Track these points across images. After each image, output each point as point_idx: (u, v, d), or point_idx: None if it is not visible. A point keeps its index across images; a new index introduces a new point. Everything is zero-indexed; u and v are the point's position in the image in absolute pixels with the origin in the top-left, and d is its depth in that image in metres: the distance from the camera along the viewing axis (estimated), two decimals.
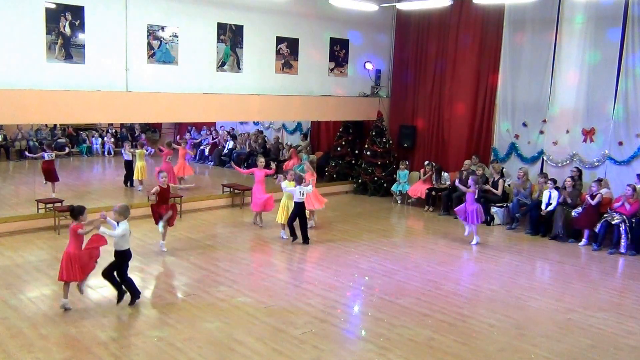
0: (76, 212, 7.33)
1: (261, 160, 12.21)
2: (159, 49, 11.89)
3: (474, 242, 11.12)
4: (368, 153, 15.60)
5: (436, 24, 15.04)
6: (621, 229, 10.75)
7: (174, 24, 12.03)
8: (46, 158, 13.16)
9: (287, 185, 10.73)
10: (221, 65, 12.92)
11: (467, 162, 13.80)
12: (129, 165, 14.95)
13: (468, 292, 8.54)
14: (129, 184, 15.02)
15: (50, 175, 13.18)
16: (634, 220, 10.77)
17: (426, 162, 14.71)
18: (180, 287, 8.40)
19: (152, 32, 11.74)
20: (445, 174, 14.47)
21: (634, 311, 8.01)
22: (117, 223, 7.44)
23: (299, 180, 10.57)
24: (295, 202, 10.55)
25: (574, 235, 11.54)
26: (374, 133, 15.55)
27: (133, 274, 8.75)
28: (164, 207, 9.92)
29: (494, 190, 12.83)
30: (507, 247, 11.21)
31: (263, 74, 13.62)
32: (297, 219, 10.60)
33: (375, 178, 15.53)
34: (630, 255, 10.66)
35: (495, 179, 12.91)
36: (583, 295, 8.62)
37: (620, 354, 6.68)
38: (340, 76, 15.27)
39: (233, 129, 21.29)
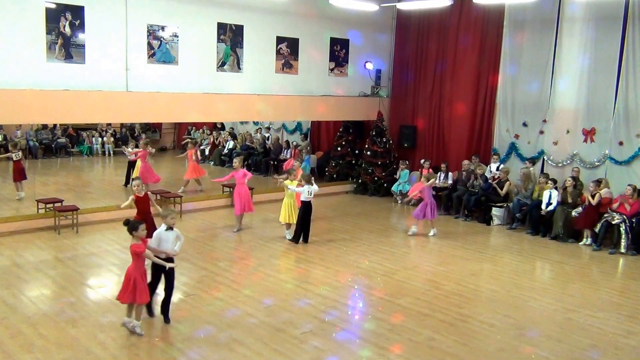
0: (130, 227, 6.57)
1: (235, 160, 11.73)
2: (159, 49, 11.89)
3: (431, 233, 11.61)
4: (368, 153, 15.60)
5: (436, 24, 15.04)
6: (621, 229, 10.76)
7: (174, 24, 12.03)
8: (14, 159, 13.06)
9: (290, 184, 10.73)
10: (221, 65, 12.91)
11: (465, 162, 13.81)
12: (132, 165, 14.85)
13: (468, 292, 8.53)
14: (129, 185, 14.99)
15: (20, 174, 13.11)
16: (634, 220, 10.76)
17: (423, 160, 14.73)
18: (180, 287, 8.38)
19: (152, 32, 11.74)
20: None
21: (634, 311, 8.01)
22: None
23: (308, 180, 10.63)
24: (302, 201, 10.60)
25: (574, 235, 11.54)
26: (374, 133, 15.54)
27: None
28: (145, 219, 8.43)
29: (498, 189, 12.83)
30: (507, 247, 11.21)
31: (263, 74, 13.62)
32: (302, 218, 10.67)
33: (376, 178, 15.53)
34: (630, 255, 10.66)
35: (502, 180, 12.91)
36: (583, 295, 8.62)
37: (620, 354, 6.68)
38: (340, 76, 15.27)
39: (232, 128, 21.28)
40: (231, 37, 12.97)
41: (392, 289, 8.52)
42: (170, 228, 6.91)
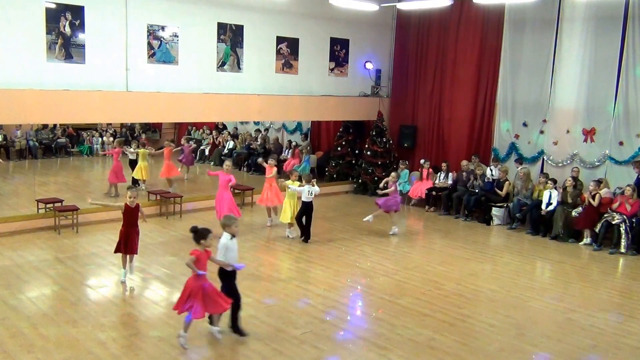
0: (198, 236, 6.30)
1: (227, 164, 11.25)
2: (159, 49, 11.89)
3: (392, 231, 11.62)
4: (368, 153, 15.59)
5: (436, 24, 15.04)
6: (622, 228, 10.76)
7: (174, 24, 12.03)
8: None
9: (291, 184, 10.76)
10: (221, 65, 12.92)
11: (464, 162, 13.82)
12: (134, 165, 14.86)
13: (468, 292, 8.53)
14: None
15: None
16: (634, 220, 10.77)
17: (422, 161, 14.74)
18: (180, 287, 8.35)
19: (152, 32, 11.74)
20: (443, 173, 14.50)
21: (635, 311, 8.01)
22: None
23: (308, 181, 10.64)
24: (303, 201, 10.62)
25: (574, 235, 11.54)
26: (374, 133, 15.54)
27: (133, 273, 8.75)
28: (128, 232, 8.20)
29: (498, 191, 12.86)
30: (507, 247, 11.21)
31: (263, 74, 13.62)
32: (304, 217, 10.70)
33: (376, 178, 15.49)
34: (630, 255, 10.66)
35: (501, 180, 12.92)
36: (583, 295, 8.62)
37: (620, 354, 6.68)
38: (340, 76, 15.27)
39: (236, 128, 21.27)
40: (231, 37, 12.97)
41: (392, 289, 8.52)
42: (233, 236, 6.62)
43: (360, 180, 15.85)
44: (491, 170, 13.56)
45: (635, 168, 11.55)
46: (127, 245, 8.23)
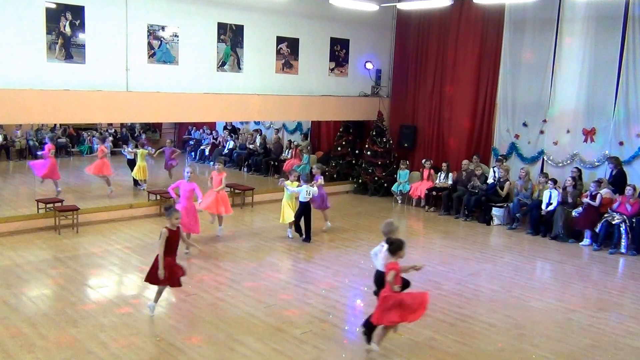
0: (395, 247, 6.13)
1: (188, 170, 9.96)
2: (159, 49, 11.89)
3: (325, 227, 11.64)
4: (368, 153, 15.59)
5: (436, 24, 15.04)
6: (622, 229, 10.76)
7: (174, 24, 12.03)
8: None
9: (290, 185, 10.76)
10: (221, 65, 12.92)
11: (465, 162, 13.81)
12: (132, 165, 14.85)
13: (468, 292, 8.54)
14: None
15: None
16: (634, 220, 10.77)
17: (424, 160, 14.74)
18: (180, 287, 8.37)
19: (152, 32, 11.74)
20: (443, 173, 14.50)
21: (635, 311, 8.01)
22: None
23: (307, 180, 10.66)
24: (300, 202, 10.64)
25: (574, 235, 11.54)
26: (374, 133, 15.54)
27: (133, 274, 8.78)
28: (173, 260, 7.08)
29: (499, 191, 12.85)
30: (507, 247, 11.21)
31: (263, 74, 13.62)
32: (303, 217, 10.73)
33: (376, 178, 15.52)
34: (630, 255, 10.66)
35: (502, 180, 12.91)
36: (583, 295, 8.62)
37: (620, 354, 6.68)
38: (340, 76, 15.27)
39: (238, 129, 21.24)
40: (231, 37, 12.97)
41: None
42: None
43: (360, 180, 15.85)
44: (494, 171, 13.53)
45: (610, 164, 11.61)
46: (172, 277, 7.08)
